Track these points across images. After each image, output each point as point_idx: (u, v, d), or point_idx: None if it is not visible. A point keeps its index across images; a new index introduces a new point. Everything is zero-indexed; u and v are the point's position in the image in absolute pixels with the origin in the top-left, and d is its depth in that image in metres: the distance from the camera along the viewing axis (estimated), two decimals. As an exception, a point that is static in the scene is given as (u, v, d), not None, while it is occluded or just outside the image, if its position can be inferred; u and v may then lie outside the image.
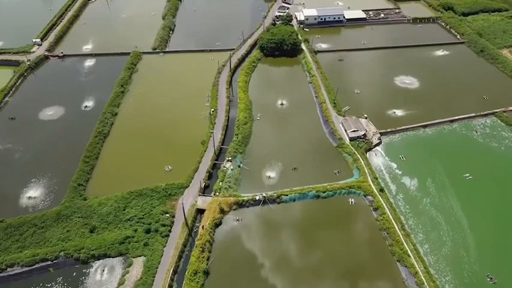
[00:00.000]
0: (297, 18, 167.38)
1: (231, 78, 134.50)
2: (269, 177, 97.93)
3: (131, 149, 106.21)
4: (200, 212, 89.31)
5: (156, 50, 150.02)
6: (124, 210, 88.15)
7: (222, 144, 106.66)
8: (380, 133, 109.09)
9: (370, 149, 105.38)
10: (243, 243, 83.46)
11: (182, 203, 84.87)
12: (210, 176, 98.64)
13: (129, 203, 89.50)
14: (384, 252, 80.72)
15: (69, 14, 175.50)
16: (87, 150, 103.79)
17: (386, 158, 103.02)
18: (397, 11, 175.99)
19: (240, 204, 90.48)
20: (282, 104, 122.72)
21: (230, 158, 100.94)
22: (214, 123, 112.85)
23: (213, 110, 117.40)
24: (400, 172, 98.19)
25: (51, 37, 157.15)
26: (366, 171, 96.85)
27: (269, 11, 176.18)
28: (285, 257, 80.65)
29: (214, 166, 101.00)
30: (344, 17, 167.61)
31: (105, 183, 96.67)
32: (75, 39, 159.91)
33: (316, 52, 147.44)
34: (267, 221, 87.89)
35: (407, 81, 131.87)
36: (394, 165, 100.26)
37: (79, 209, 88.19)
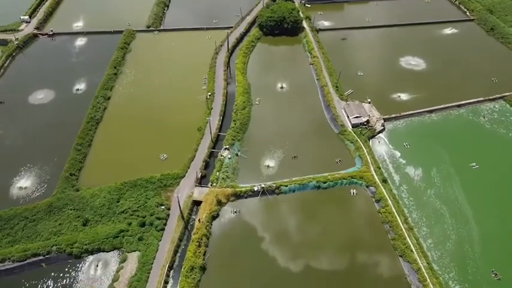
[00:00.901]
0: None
1: (229, 59, 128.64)
2: (268, 166, 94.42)
3: (125, 136, 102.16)
4: (197, 203, 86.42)
5: (150, 28, 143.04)
6: (118, 202, 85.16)
7: (220, 131, 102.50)
8: (384, 119, 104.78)
9: (373, 136, 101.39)
10: (241, 237, 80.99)
11: (177, 197, 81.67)
12: (207, 165, 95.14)
13: (123, 194, 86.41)
14: (386, 247, 78.37)
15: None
16: (79, 137, 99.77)
17: (390, 145, 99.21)
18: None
19: (238, 196, 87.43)
20: (281, 87, 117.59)
21: (228, 146, 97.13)
22: (211, 108, 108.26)
23: (210, 93, 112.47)
24: (404, 161, 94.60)
25: (40, 14, 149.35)
26: (369, 161, 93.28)
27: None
28: (285, 250, 78.40)
29: (211, 154, 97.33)
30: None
31: (98, 173, 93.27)
32: (66, 15, 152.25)
33: (318, 30, 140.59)
34: (265, 212, 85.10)
35: (413, 63, 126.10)
36: (398, 154, 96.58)
37: (71, 200, 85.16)
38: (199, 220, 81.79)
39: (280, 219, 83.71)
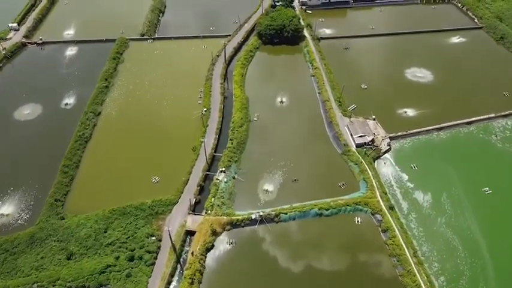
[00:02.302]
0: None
1: (226, 70, 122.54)
2: (267, 191, 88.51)
3: (115, 156, 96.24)
4: (190, 233, 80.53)
5: (145, 37, 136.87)
6: (105, 232, 79.19)
7: (215, 151, 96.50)
8: (389, 138, 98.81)
9: (378, 157, 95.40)
10: (238, 271, 75.21)
11: (168, 230, 75.85)
12: (202, 189, 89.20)
13: (111, 223, 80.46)
14: (394, 284, 72.49)
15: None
16: (66, 157, 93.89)
17: (396, 167, 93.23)
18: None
19: (234, 225, 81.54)
20: (281, 101, 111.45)
21: (224, 169, 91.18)
22: (207, 126, 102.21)
23: (205, 109, 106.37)
24: (411, 185, 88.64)
25: (30, 21, 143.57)
26: (374, 185, 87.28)
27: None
28: (285, 286, 72.75)
29: (206, 177, 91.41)
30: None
31: (86, 197, 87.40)
32: (56, 22, 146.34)
33: (320, 39, 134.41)
34: (263, 244, 79.19)
35: (420, 74, 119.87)
36: (405, 177, 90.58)
37: (55, 231, 79.26)
38: (192, 253, 75.93)
39: (280, 252, 77.77)
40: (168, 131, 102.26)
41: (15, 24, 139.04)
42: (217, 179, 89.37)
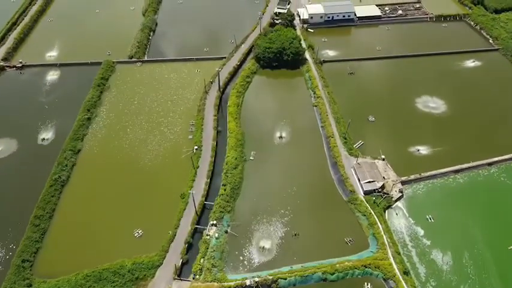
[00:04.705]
0: (299, 17, 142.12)
1: (220, 99, 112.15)
2: (263, 248, 78.13)
3: (94, 204, 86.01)
4: (175, 304, 70.40)
5: (133, 59, 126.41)
6: (77, 304, 69.09)
7: (206, 199, 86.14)
8: (401, 182, 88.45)
9: (389, 206, 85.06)
10: None
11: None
12: (190, 246, 78.85)
13: (85, 293, 70.30)
14: None
15: (34, 8, 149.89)
16: (39, 207, 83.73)
17: (410, 219, 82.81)
18: (418, 5, 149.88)
19: (226, 293, 71.37)
20: (280, 137, 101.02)
21: (215, 222, 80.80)
22: (197, 167, 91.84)
23: (196, 147, 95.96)
24: (428, 242, 78.16)
25: (10, 41, 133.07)
26: (386, 242, 76.89)
27: (267, 5, 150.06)
28: None
29: (196, 231, 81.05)
30: (355, 14, 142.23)
31: (58, 257, 77.33)
32: (38, 42, 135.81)
33: (322, 62, 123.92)
34: (259, 317, 69.11)
35: (432, 105, 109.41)
36: (421, 232, 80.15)
37: (20, 302, 69.17)
38: (176, 332, 65.82)
39: (278, 327, 67.68)
40: (155, 173, 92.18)
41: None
42: (207, 235, 78.97)
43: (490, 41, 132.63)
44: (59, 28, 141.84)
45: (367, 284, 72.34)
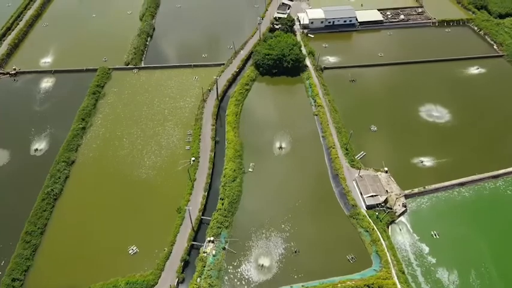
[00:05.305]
0: (300, 22, 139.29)
1: (219, 108, 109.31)
2: (262, 266, 75.37)
3: (88, 219, 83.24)
4: (170, 327, 67.69)
5: (129, 66, 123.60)
6: (68, 326, 66.42)
7: (203, 214, 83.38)
8: (405, 195, 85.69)
9: (393, 221, 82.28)
10: None
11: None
12: (186, 264, 76.09)
13: (76, 315, 67.60)
14: None
15: (29, 13, 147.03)
16: (30, 222, 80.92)
17: (414, 235, 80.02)
18: (420, 10, 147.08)
19: (224, 315, 68.74)
20: (280, 147, 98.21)
21: (212, 238, 78.01)
22: (194, 180, 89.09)
23: (193, 159, 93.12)
24: (433, 260, 75.37)
25: (4, 47, 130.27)
26: (389, 260, 74.15)
27: (267, 10, 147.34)
28: None
29: (192, 248, 78.29)
30: (356, 19, 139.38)
31: (50, 275, 74.53)
32: (33, 48, 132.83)
33: (323, 69, 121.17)
34: None
35: (436, 114, 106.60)
36: (426, 249, 77.35)
37: (9, 325, 66.47)
38: None
39: None
40: (151, 185, 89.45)
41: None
42: (204, 252, 76.18)
43: (495, 46, 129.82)
44: (55, 33, 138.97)
45: (370, 305, 69.73)
